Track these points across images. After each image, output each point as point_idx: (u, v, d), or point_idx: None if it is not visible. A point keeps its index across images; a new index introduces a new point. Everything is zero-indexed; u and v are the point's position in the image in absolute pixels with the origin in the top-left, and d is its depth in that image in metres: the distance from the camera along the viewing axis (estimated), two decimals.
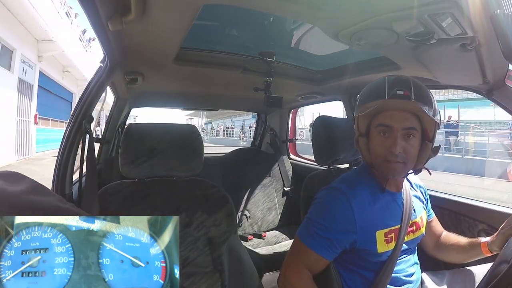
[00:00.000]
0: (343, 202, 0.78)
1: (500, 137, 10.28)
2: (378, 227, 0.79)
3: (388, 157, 0.75)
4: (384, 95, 0.74)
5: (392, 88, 0.74)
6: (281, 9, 0.75)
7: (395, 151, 0.74)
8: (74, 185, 1.04)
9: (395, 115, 0.75)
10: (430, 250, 0.97)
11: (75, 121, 0.98)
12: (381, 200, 0.82)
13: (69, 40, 10.23)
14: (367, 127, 0.80)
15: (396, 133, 0.74)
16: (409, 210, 0.84)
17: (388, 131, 0.76)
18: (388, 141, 0.75)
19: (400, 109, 0.75)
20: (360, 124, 0.81)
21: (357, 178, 0.86)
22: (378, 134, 0.77)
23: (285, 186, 1.99)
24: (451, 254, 0.92)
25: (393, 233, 0.80)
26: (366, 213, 0.78)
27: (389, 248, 0.79)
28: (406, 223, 0.82)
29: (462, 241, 0.90)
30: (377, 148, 0.77)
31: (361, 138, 0.81)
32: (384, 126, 0.76)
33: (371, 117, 0.79)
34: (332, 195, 0.81)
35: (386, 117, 0.76)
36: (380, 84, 0.77)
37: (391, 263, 0.80)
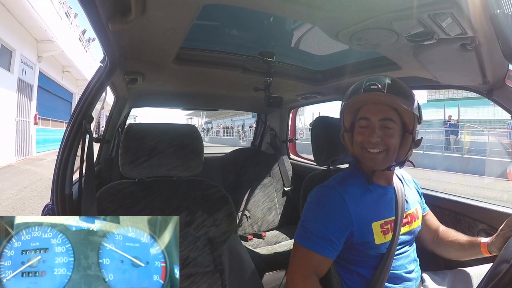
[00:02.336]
0: (336, 196, 0.81)
1: (500, 137, 10.28)
2: (373, 219, 0.82)
3: (366, 145, 0.82)
4: (360, 91, 0.82)
5: (367, 84, 0.82)
6: (281, 9, 0.74)
7: (372, 139, 0.80)
8: (74, 185, 1.04)
9: (372, 108, 0.82)
10: (428, 244, 0.98)
11: (75, 121, 0.98)
12: (372, 194, 0.85)
13: (68, 40, 10.22)
14: (351, 123, 0.87)
15: (374, 124, 0.81)
16: (402, 201, 0.87)
17: (367, 124, 0.83)
18: (367, 131, 0.82)
19: (375, 102, 0.82)
20: (345, 120, 0.88)
21: (346, 176, 0.90)
22: (360, 127, 0.84)
23: (285, 186, 1.99)
24: (449, 251, 0.93)
25: (389, 225, 0.83)
26: (360, 206, 0.81)
27: (386, 239, 0.81)
28: (400, 214, 0.85)
29: (461, 238, 0.91)
30: (357, 138, 0.84)
31: (346, 133, 0.88)
32: (363, 119, 0.83)
33: (354, 114, 0.86)
34: (324, 193, 0.85)
35: (364, 111, 0.83)
36: (359, 83, 0.85)
37: (389, 257, 0.81)
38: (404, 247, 0.86)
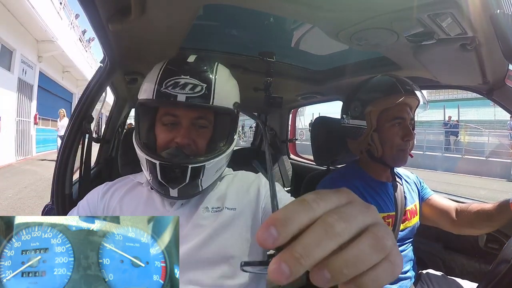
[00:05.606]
0: (342, 184, 0.83)
1: (500, 137, 10.28)
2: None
3: (403, 146, 0.84)
4: (400, 91, 0.83)
5: (403, 85, 0.84)
6: (281, 9, 0.74)
7: (411, 139, 0.83)
8: (74, 185, 1.04)
9: (405, 108, 0.85)
10: (448, 227, 0.91)
11: (75, 121, 0.98)
12: (373, 189, 0.87)
13: (69, 41, 10.22)
14: (377, 121, 0.87)
15: (407, 123, 0.84)
16: (401, 197, 0.88)
17: (401, 123, 0.85)
18: (402, 131, 0.84)
19: (406, 103, 0.85)
20: (372, 119, 0.87)
21: (345, 173, 0.92)
22: (393, 127, 0.85)
23: (285, 186, 1.98)
24: (477, 223, 0.85)
25: (390, 219, 0.84)
26: (362, 197, 0.81)
27: None
28: (400, 209, 0.86)
29: (486, 207, 0.83)
30: (395, 139, 0.84)
31: (374, 133, 0.87)
32: (400, 118, 0.85)
33: (380, 112, 0.86)
34: (330, 183, 0.87)
35: (400, 111, 0.85)
36: (388, 81, 0.86)
37: None
38: (401, 246, 0.86)
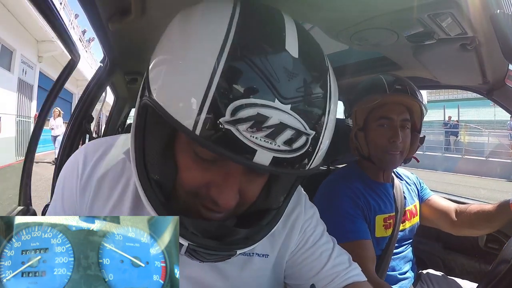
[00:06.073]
0: (344, 186, 0.83)
1: (500, 137, 10.28)
2: (376, 212, 0.82)
3: (389, 148, 0.81)
4: (385, 90, 0.80)
5: (392, 84, 0.81)
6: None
7: (397, 141, 0.79)
8: None
9: (395, 108, 0.81)
10: (448, 227, 0.90)
11: (75, 121, 0.98)
12: (374, 189, 0.86)
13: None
14: (365, 121, 0.85)
15: (396, 124, 0.81)
16: (401, 197, 0.87)
17: (388, 124, 0.82)
18: (389, 132, 0.81)
19: (398, 102, 0.82)
20: (358, 118, 0.86)
21: (346, 174, 0.90)
22: (379, 127, 0.82)
23: None
24: (477, 224, 0.84)
25: (392, 219, 0.84)
26: (364, 199, 0.82)
27: (387, 234, 0.82)
28: (400, 209, 0.85)
29: (486, 207, 0.83)
30: (378, 139, 0.82)
31: (359, 132, 0.85)
32: (385, 118, 0.82)
33: (368, 112, 0.84)
34: (332, 186, 0.86)
35: (387, 110, 0.82)
36: (378, 81, 0.83)
37: (388, 253, 0.81)
38: (401, 246, 0.86)
